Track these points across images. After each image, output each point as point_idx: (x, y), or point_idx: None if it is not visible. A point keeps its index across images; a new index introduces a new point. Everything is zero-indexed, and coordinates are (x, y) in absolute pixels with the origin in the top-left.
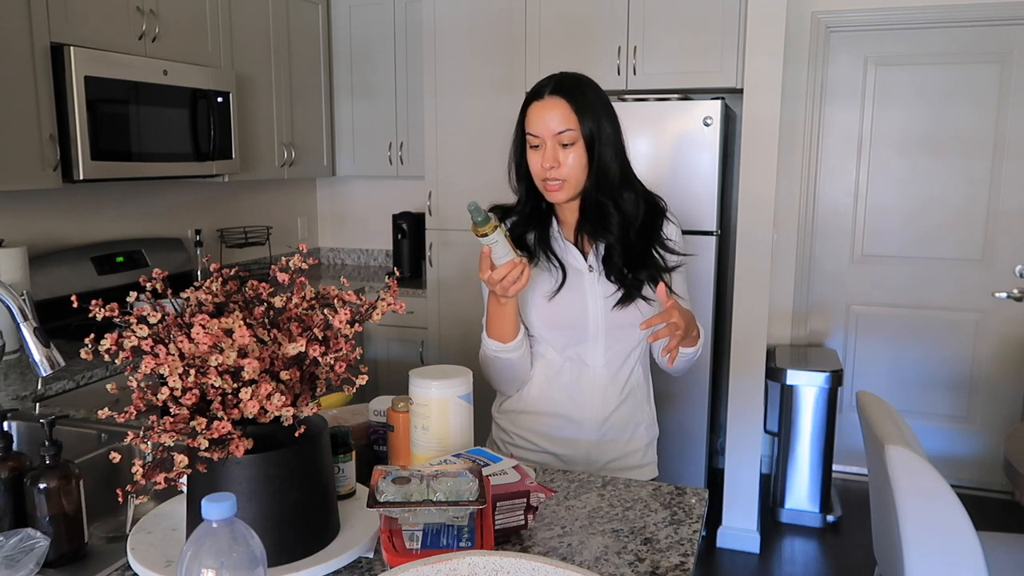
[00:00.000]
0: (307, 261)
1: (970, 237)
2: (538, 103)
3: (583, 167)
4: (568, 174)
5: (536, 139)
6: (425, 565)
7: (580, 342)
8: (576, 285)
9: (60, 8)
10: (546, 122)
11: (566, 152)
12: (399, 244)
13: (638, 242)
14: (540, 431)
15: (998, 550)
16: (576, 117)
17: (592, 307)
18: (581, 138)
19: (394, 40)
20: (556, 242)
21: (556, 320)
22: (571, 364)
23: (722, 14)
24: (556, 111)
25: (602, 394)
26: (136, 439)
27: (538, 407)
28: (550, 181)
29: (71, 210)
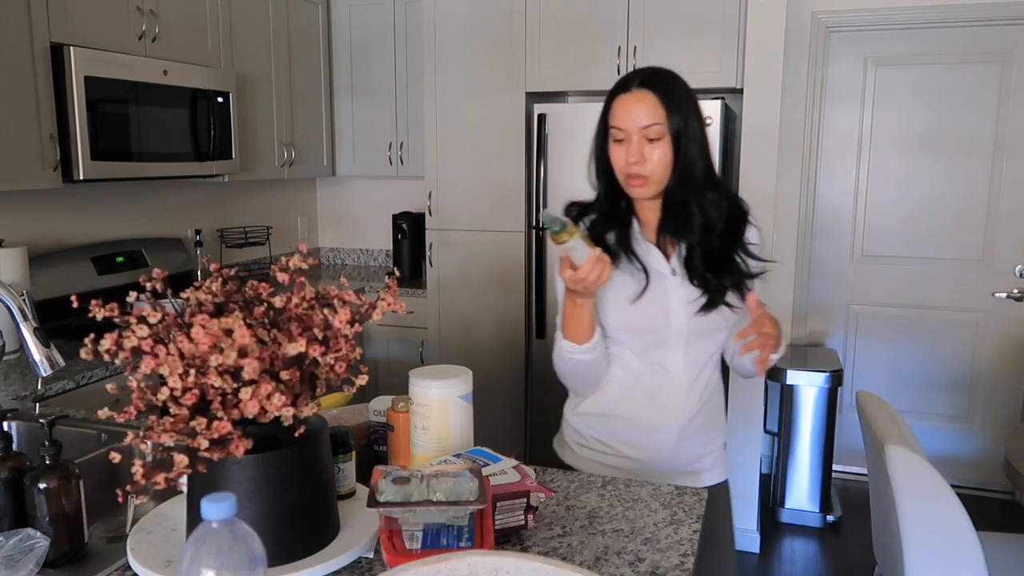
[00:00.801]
0: (307, 261)
1: (970, 237)
2: (625, 96)
3: (668, 163)
4: (652, 170)
5: (621, 132)
6: (425, 565)
7: (660, 347)
8: (658, 289)
9: (60, 8)
10: (633, 115)
11: (652, 147)
12: (399, 244)
13: (721, 245)
14: (619, 435)
15: (998, 550)
16: (664, 111)
17: (675, 312)
18: (668, 133)
19: (394, 40)
20: (638, 243)
21: (637, 324)
22: (651, 369)
23: (722, 14)
24: (644, 104)
25: (683, 400)
26: (136, 439)
27: (617, 411)
28: (634, 177)
29: (71, 210)
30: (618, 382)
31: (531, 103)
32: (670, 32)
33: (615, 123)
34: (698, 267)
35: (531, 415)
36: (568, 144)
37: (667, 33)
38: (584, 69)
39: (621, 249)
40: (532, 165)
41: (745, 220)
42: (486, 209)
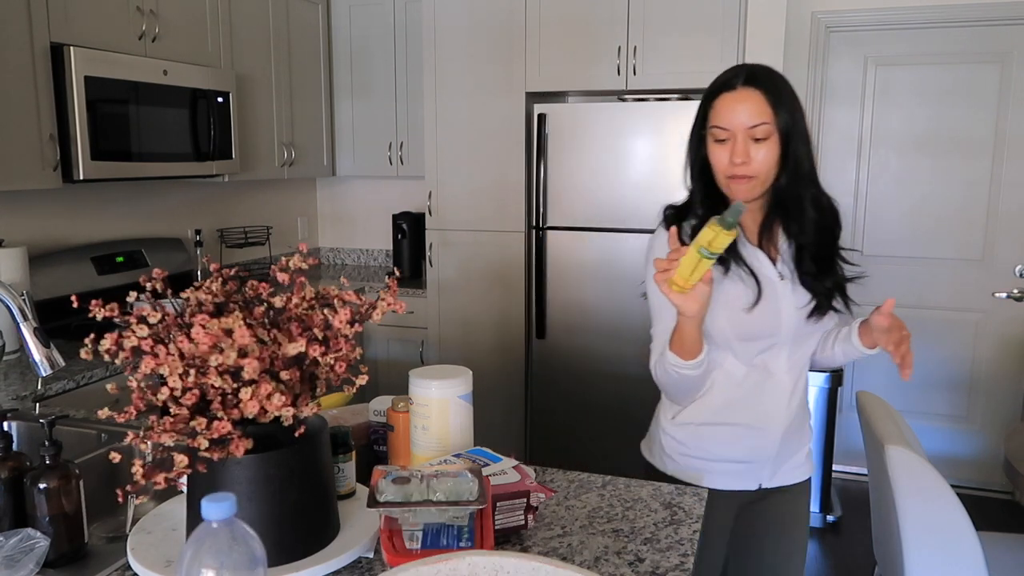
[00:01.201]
0: (307, 261)
1: (970, 237)
2: (729, 95)
3: (774, 163)
4: (758, 170)
5: (724, 132)
6: (425, 565)
7: (767, 352)
8: (771, 296)
9: (60, 8)
10: (738, 115)
11: (757, 147)
12: (399, 244)
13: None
14: (724, 442)
15: (998, 550)
16: (771, 110)
17: (787, 318)
18: (776, 132)
19: (394, 40)
20: (744, 248)
21: (750, 332)
22: (756, 373)
23: (722, 14)
24: (749, 103)
25: (787, 402)
26: (136, 439)
27: (721, 418)
28: (738, 178)
29: (71, 210)
30: (721, 389)
31: (531, 103)
32: (670, 32)
33: (718, 123)
34: (809, 269)
35: (531, 415)
36: (568, 144)
37: (667, 33)
38: (584, 69)
39: (730, 256)
40: (532, 165)
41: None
42: (486, 209)
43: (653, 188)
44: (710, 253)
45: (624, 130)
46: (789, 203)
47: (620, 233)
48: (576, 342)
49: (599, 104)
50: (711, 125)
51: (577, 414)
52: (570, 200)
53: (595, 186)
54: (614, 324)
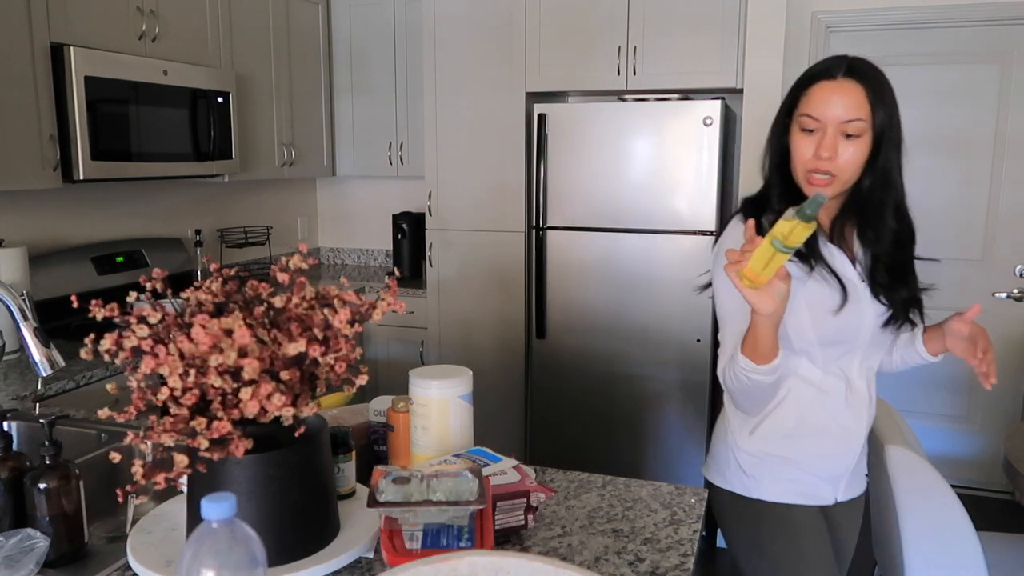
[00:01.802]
0: (307, 261)
1: (970, 237)
2: (827, 83)
3: (860, 164)
4: (843, 168)
5: (814, 123)
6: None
7: (845, 357)
8: (854, 298)
9: (60, 8)
10: (833, 106)
11: (847, 143)
12: (399, 244)
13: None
14: (807, 450)
15: (998, 550)
16: (870, 107)
17: (867, 322)
18: (870, 131)
19: (394, 40)
20: (826, 247)
21: (835, 336)
22: (835, 381)
23: (722, 14)
24: (849, 96)
25: (866, 407)
26: (136, 439)
27: (805, 428)
28: (818, 174)
29: (71, 210)
30: (798, 398)
31: (531, 103)
32: (670, 32)
33: (809, 111)
34: (883, 279)
35: (531, 415)
36: (568, 144)
37: (667, 33)
38: (584, 69)
39: (812, 255)
40: (532, 165)
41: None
42: (486, 209)
43: (653, 188)
44: (785, 247)
45: (624, 130)
46: (868, 209)
47: (620, 233)
48: (576, 342)
49: (599, 104)
50: (800, 113)
51: (577, 414)
52: (570, 200)
53: (595, 186)
54: (614, 324)
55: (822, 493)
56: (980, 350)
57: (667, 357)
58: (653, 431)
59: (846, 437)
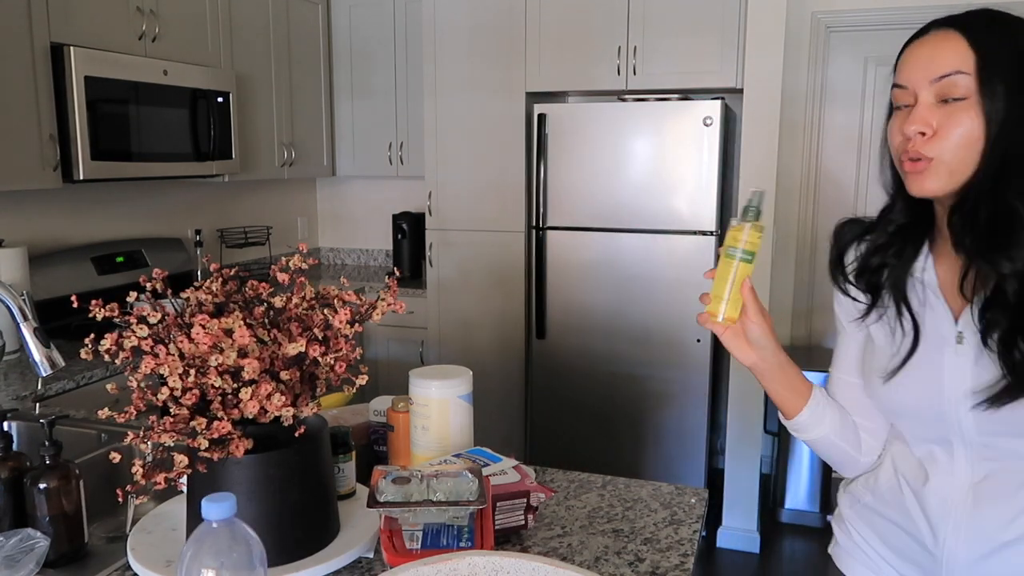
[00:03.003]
0: (307, 261)
1: None
2: (917, 43)
3: (972, 142)
4: (942, 148)
5: (904, 94)
6: (425, 565)
7: (935, 439)
8: (931, 360)
9: (60, 8)
10: (923, 64)
11: (947, 113)
12: (399, 244)
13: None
14: (889, 542)
15: None
16: (976, 58)
17: (951, 397)
18: (978, 93)
19: (394, 40)
20: (916, 288)
21: (894, 405)
22: (925, 464)
23: (722, 14)
24: (944, 47)
25: (968, 520)
26: (136, 439)
27: (883, 508)
28: (911, 158)
29: (71, 210)
30: (890, 466)
31: (531, 103)
32: (670, 32)
33: (897, 79)
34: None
35: (531, 415)
36: (568, 144)
37: (667, 33)
38: (584, 69)
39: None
40: (532, 165)
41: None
42: (486, 209)
43: (653, 188)
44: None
45: (624, 130)
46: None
47: (620, 233)
48: (576, 342)
49: (599, 104)
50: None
51: (577, 414)
52: (570, 200)
53: (595, 186)
54: (614, 324)
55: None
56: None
57: (667, 357)
58: (653, 431)
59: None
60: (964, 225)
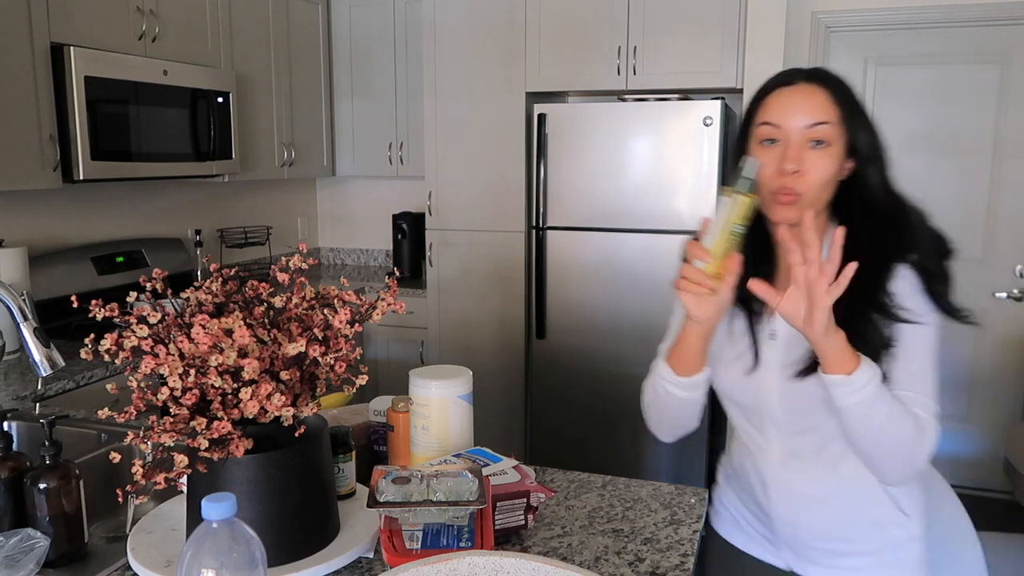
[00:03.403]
0: (307, 261)
1: (970, 237)
2: (786, 90)
3: (828, 180)
4: (809, 186)
5: (775, 131)
6: (425, 565)
7: (752, 418)
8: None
9: (60, 8)
10: (795, 110)
11: (814, 157)
12: (399, 244)
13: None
14: (742, 498)
15: (998, 550)
16: (838, 111)
17: (765, 379)
18: (841, 140)
19: (394, 40)
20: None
21: (721, 387)
22: (751, 444)
23: (722, 14)
24: (812, 99)
25: (788, 492)
26: (136, 439)
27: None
28: (785, 192)
29: (71, 210)
30: (736, 445)
31: (531, 103)
32: (670, 32)
33: (768, 118)
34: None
35: (531, 415)
36: (568, 144)
37: (667, 33)
38: (584, 69)
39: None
40: (532, 165)
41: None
42: (486, 209)
43: (653, 188)
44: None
45: (624, 130)
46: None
47: (620, 233)
48: (576, 342)
49: (599, 104)
50: (759, 122)
51: (577, 414)
52: (570, 200)
53: (595, 186)
54: (614, 324)
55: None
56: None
57: None
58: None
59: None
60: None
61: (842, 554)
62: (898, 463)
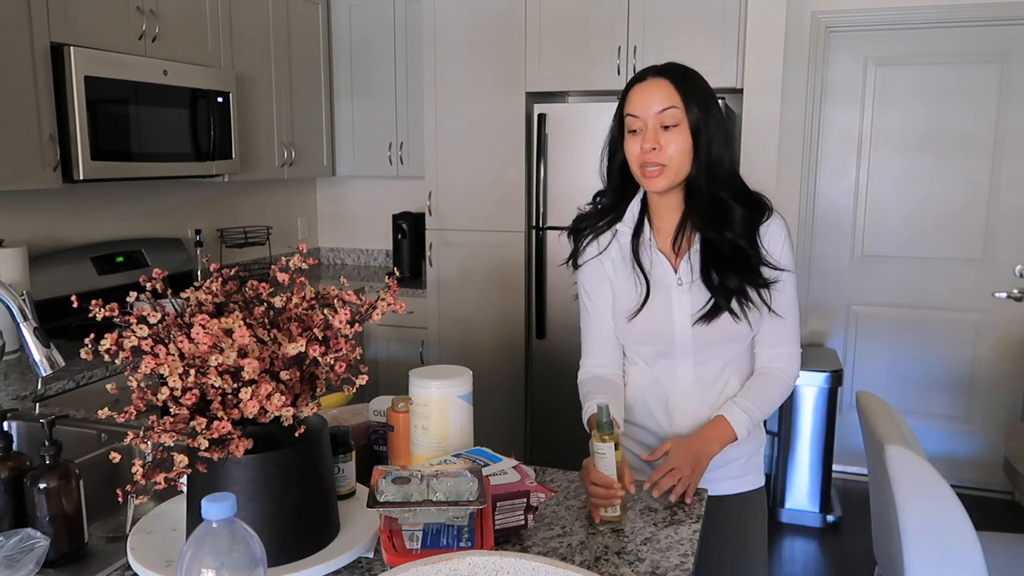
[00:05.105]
0: (307, 261)
1: (970, 237)
2: (640, 85)
3: (686, 152)
4: (669, 158)
5: (636, 121)
6: (425, 565)
7: (668, 357)
8: (661, 300)
9: (60, 8)
10: (648, 101)
11: (668, 135)
12: (399, 244)
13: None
14: (638, 440)
15: (998, 550)
16: (680, 97)
17: (679, 323)
18: (685, 120)
19: (394, 40)
20: (646, 251)
21: (640, 335)
22: (662, 378)
23: (722, 14)
24: (659, 91)
25: (692, 409)
26: (136, 439)
27: (632, 417)
28: (649, 167)
29: (71, 210)
30: (633, 387)
31: (531, 103)
32: (670, 32)
33: (630, 110)
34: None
35: (531, 415)
36: (568, 144)
37: (667, 33)
38: (584, 69)
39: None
40: (532, 165)
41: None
42: (486, 209)
43: None
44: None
45: None
46: (706, 198)
47: None
48: (576, 342)
49: (599, 104)
50: (625, 114)
51: (577, 414)
52: (570, 200)
53: (595, 186)
54: None
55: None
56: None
57: None
58: None
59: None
60: (694, 211)
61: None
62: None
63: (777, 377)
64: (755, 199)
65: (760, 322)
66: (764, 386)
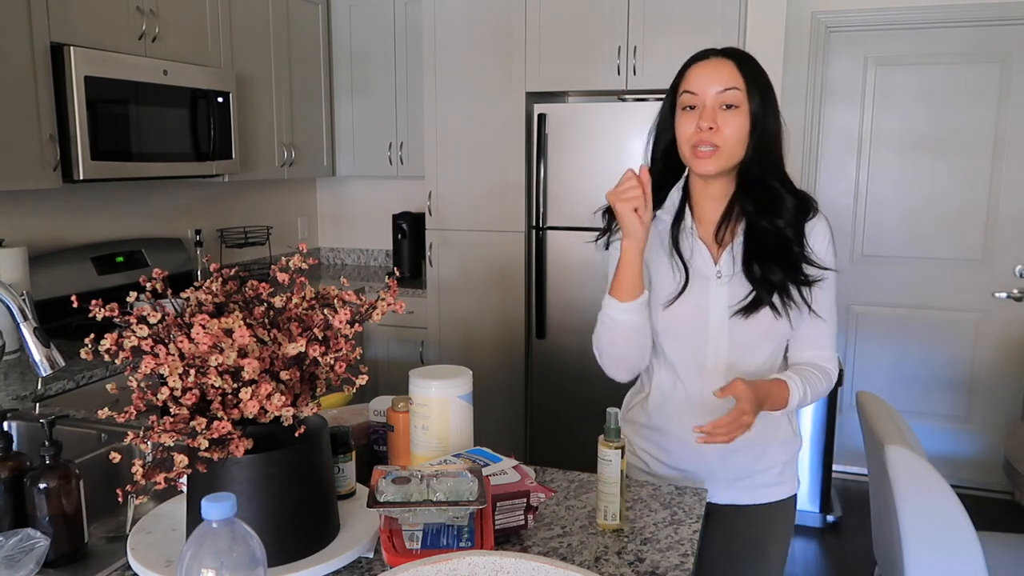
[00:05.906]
0: (307, 261)
1: (970, 237)
2: (702, 63)
3: (741, 137)
4: (724, 140)
5: (694, 98)
6: (425, 565)
7: (700, 355)
8: (699, 291)
9: (60, 8)
10: (710, 79)
11: (726, 116)
12: (399, 244)
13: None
14: (663, 446)
15: (998, 550)
16: (743, 80)
17: (714, 318)
18: (747, 103)
19: (394, 40)
20: (686, 239)
21: (671, 326)
22: (692, 378)
23: (722, 14)
24: (722, 70)
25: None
26: (136, 439)
27: (659, 422)
28: (703, 146)
29: (71, 210)
30: (659, 391)
31: (531, 103)
32: (670, 32)
33: (688, 87)
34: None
35: (531, 415)
36: (568, 144)
37: (667, 33)
38: (584, 69)
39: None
40: (532, 165)
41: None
42: (486, 209)
43: None
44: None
45: (624, 130)
46: (758, 189)
47: None
48: (576, 342)
49: (599, 104)
50: (681, 91)
51: (577, 414)
52: (570, 200)
53: (595, 186)
54: None
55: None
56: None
57: None
58: None
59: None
60: (747, 196)
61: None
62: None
63: (825, 372)
64: (803, 195)
65: (800, 322)
66: (815, 375)
